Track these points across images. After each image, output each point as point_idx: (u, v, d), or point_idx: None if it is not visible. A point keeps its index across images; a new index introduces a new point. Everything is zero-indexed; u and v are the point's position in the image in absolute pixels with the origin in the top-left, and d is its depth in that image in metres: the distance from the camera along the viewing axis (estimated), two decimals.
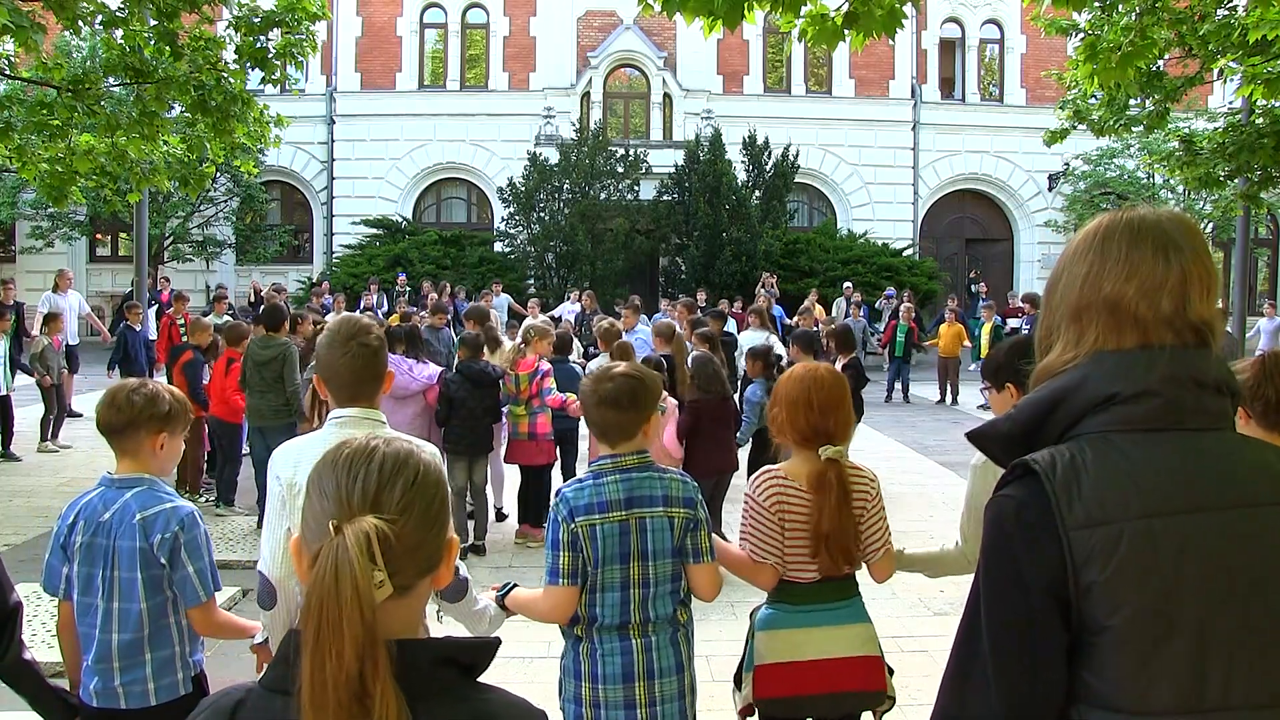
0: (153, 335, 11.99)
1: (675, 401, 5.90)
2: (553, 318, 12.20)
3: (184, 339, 9.49)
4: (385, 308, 16.06)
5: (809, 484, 2.56)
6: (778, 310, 15.24)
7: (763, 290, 16.71)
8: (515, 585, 2.56)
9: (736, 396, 7.24)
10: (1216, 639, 1.12)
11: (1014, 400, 2.57)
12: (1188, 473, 1.16)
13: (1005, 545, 1.19)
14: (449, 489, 1.20)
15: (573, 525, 2.38)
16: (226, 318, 10.81)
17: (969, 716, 1.19)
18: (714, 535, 2.66)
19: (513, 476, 7.13)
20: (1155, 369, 1.19)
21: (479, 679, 1.15)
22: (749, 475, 6.41)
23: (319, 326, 8.59)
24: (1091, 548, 1.13)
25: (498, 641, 1.17)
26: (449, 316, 11.13)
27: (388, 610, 1.06)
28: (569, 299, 16.20)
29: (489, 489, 6.85)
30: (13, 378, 9.56)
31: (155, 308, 13.75)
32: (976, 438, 1.33)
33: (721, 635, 4.70)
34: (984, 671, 1.18)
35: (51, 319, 10.06)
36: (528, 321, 7.94)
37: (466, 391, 6.40)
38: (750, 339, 9.36)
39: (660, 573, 2.43)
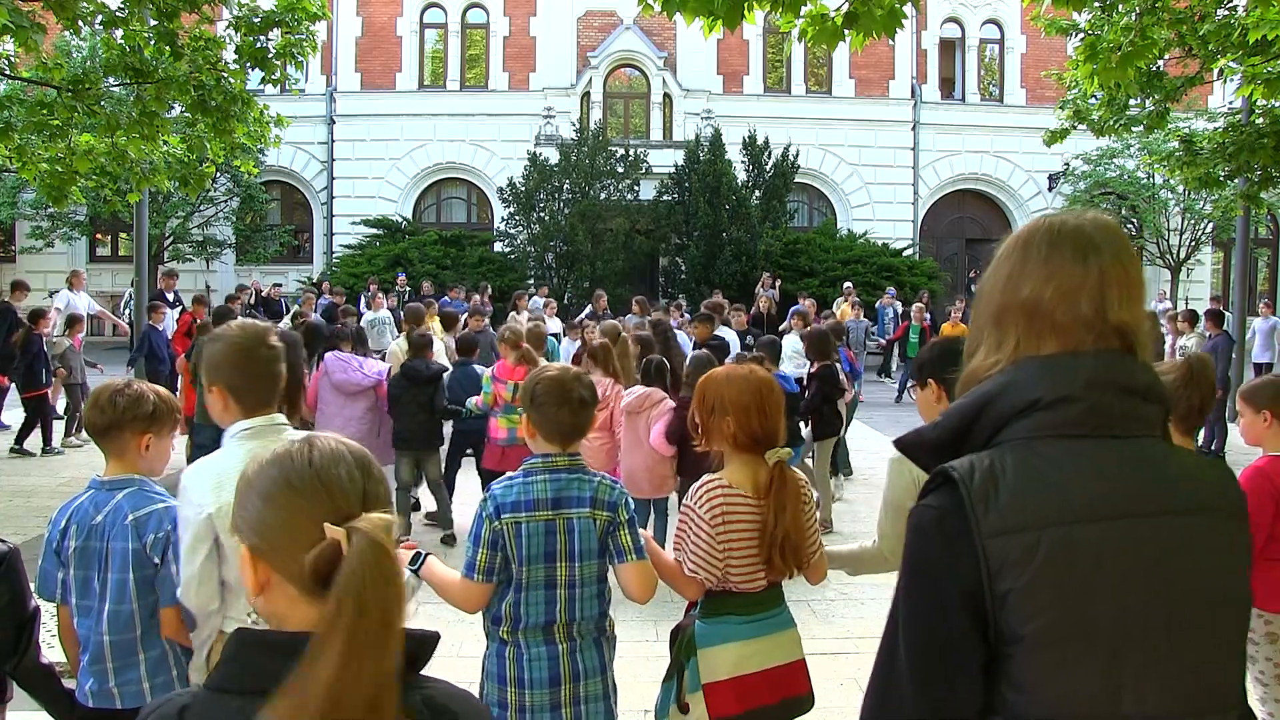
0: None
1: (671, 404, 5.85)
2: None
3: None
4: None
5: (756, 491, 2.49)
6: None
7: (762, 291, 16.66)
8: (428, 555, 2.53)
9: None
10: (1132, 648, 1.11)
11: (936, 398, 2.57)
12: (1109, 479, 1.14)
13: (924, 555, 1.17)
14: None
15: (496, 523, 2.39)
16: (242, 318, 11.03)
17: None
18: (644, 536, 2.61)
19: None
20: (1079, 374, 1.17)
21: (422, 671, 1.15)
22: None
23: (301, 321, 8.59)
24: (1007, 556, 1.10)
25: (436, 635, 1.17)
26: (487, 319, 11.12)
27: None
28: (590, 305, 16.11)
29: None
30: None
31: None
32: (904, 445, 1.30)
33: None
34: (901, 681, 1.16)
35: (74, 321, 10.41)
36: (508, 325, 7.83)
37: (402, 389, 6.63)
38: (794, 344, 8.86)
39: (586, 574, 2.44)
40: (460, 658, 4.04)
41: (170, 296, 12.80)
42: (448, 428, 7.04)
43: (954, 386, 2.36)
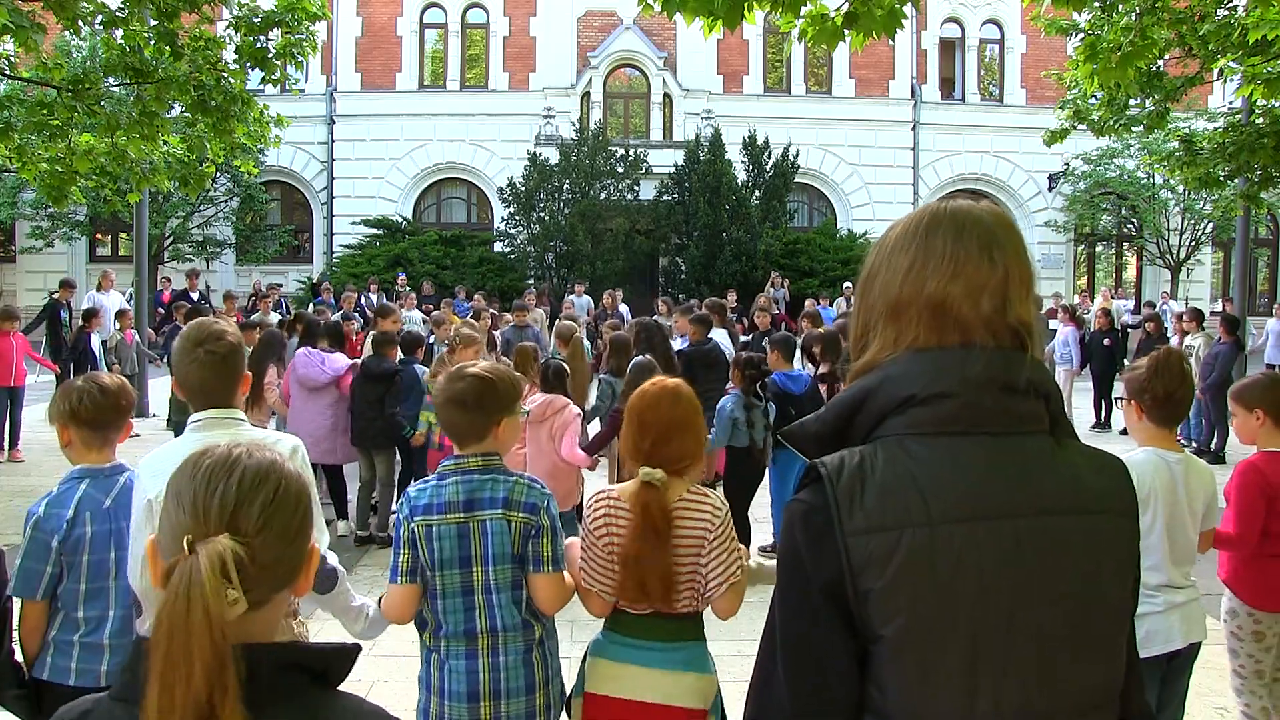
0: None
1: (577, 410, 5.52)
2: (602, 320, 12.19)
3: None
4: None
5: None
6: (830, 312, 14.93)
7: (771, 290, 16.63)
8: None
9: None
10: (993, 650, 1.09)
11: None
12: (978, 479, 1.12)
13: (792, 551, 1.15)
14: (312, 498, 1.18)
15: (412, 524, 2.36)
16: (274, 315, 11.40)
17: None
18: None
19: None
20: (959, 370, 1.14)
21: (339, 687, 1.13)
22: (725, 493, 6.23)
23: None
24: (869, 554, 1.09)
25: (355, 649, 1.15)
26: (529, 314, 11.06)
27: (241, 622, 1.05)
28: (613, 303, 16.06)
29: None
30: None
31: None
32: (789, 436, 1.28)
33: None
34: (777, 677, 1.15)
35: (122, 314, 11.11)
36: (455, 327, 7.64)
37: (358, 385, 6.67)
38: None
39: (501, 579, 2.35)
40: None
41: (195, 296, 12.93)
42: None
43: None
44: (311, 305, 14.57)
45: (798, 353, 7.44)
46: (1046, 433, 1.18)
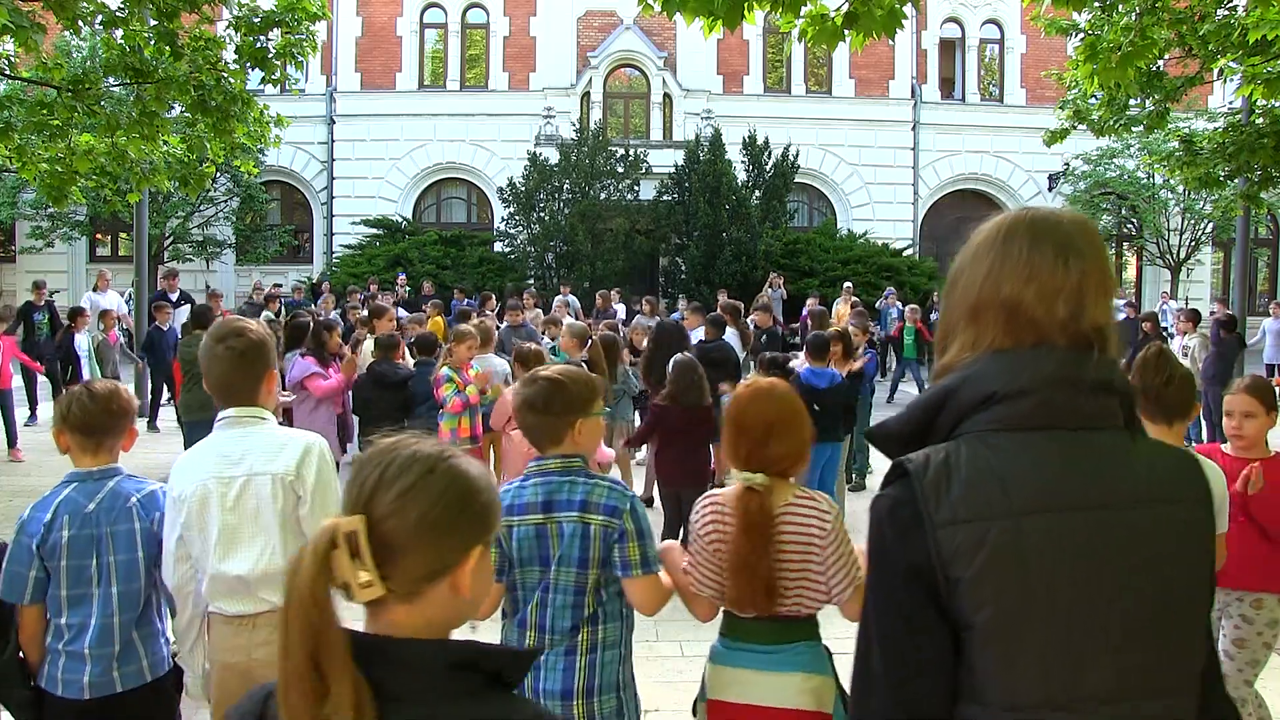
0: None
1: None
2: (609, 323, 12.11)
3: None
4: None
5: (734, 511, 2.38)
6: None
7: (769, 290, 16.63)
8: None
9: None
10: (1077, 637, 1.13)
11: None
12: (1060, 472, 1.16)
13: (881, 545, 1.21)
14: (480, 500, 1.17)
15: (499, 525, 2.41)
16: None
17: (870, 714, 1.19)
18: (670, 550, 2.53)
19: None
20: (1036, 369, 1.20)
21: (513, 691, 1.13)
22: None
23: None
24: (957, 545, 1.14)
25: (533, 652, 1.17)
26: (524, 315, 11.06)
27: (394, 613, 1.07)
28: (634, 304, 15.95)
29: None
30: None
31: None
32: (872, 436, 1.34)
33: None
34: (876, 674, 1.18)
35: (106, 314, 11.03)
36: (460, 325, 7.58)
37: (371, 391, 6.58)
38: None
39: (563, 580, 2.37)
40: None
41: (174, 296, 12.88)
42: None
43: None
44: (283, 306, 14.33)
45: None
46: (1121, 428, 1.22)
